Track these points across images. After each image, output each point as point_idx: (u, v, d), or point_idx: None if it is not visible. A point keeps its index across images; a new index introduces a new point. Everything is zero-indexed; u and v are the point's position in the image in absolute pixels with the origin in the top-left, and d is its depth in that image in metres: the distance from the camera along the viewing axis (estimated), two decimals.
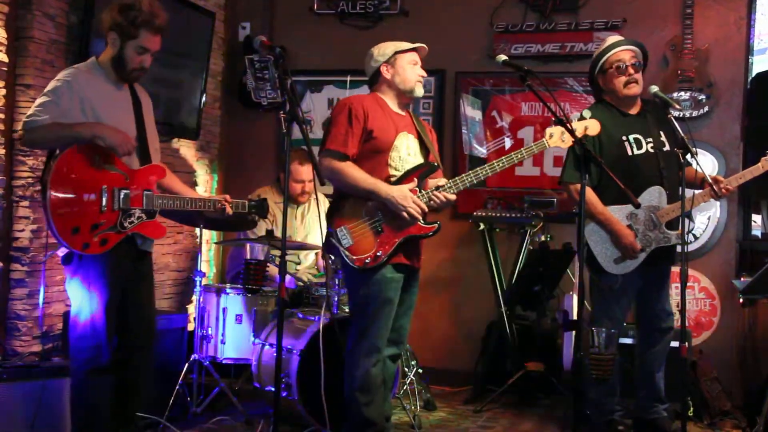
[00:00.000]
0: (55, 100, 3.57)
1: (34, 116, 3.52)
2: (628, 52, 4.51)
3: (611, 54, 4.51)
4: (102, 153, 3.61)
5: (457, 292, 6.16)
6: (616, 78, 4.49)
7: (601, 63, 4.54)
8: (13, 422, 3.80)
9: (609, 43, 4.57)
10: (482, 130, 6.15)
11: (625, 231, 4.39)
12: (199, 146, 6.14)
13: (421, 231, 3.95)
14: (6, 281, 4.51)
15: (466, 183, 3.97)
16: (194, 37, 5.76)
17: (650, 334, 4.62)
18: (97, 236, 3.59)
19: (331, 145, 3.92)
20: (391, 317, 3.97)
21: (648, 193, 4.42)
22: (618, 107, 4.55)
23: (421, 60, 4.12)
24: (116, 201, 3.64)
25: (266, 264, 4.84)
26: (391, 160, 3.99)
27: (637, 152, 4.46)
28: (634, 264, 4.43)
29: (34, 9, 4.53)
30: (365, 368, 3.92)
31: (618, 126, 4.48)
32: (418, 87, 4.07)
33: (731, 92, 5.67)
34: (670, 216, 4.41)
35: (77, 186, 3.56)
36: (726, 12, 5.70)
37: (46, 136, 3.55)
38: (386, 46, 4.08)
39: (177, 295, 5.93)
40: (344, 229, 3.89)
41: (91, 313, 3.67)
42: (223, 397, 4.88)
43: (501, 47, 5.97)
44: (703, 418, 5.01)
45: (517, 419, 5.13)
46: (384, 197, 3.86)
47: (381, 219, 3.91)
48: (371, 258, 3.87)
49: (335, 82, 6.39)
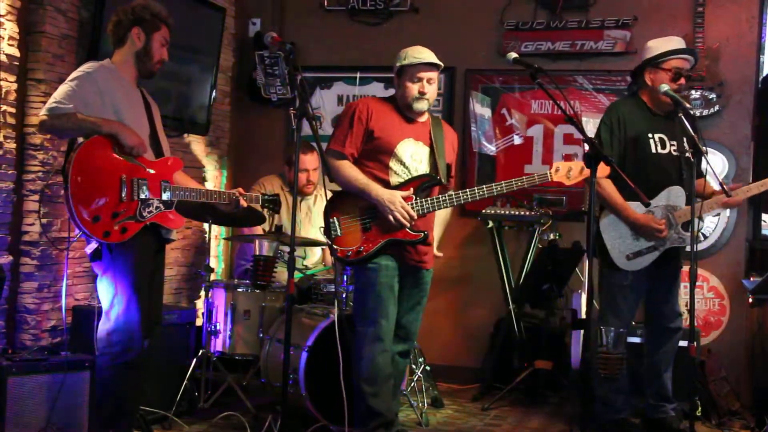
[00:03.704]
0: (78, 90, 3.66)
1: (59, 103, 3.61)
2: (688, 63, 4.48)
3: (676, 58, 4.43)
4: (120, 144, 3.70)
5: (465, 289, 6.16)
6: (668, 82, 4.39)
7: (661, 60, 4.44)
8: (25, 416, 3.82)
9: (678, 46, 4.48)
10: (491, 128, 6.14)
11: (645, 217, 4.39)
12: (208, 141, 6.15)
13: (407, 237, 4.06)
14: (15, 275, 4.53)
15: (461, 200, 4.08)
16: (205, 32, 5.76)
17: (659, 334, 4.61)
18: (118, 225, 3.65)
19: (332, 145, 4.12)
20: (391, 305, 4.05)
21: (669, 191, 4.42)
22: (649, 105, 4.53)
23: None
24: (135, 191, 3.70)
25: (275, 260, 4.84)
26: (392, 163, 4.10)
27: (661, 151, 4.45)
28: (645, 262, 4.43)
29: (45, 4, 4.54)
30: (370, 357, 4.00)
31: (645, 122, 4.47)
32: (416, 103, 4.11)
33: (742, 91, 5.65)
34: (686, 217, 4.39)
35: (97, 176, 3.63)
36: (737, 10, 5.68)
37: (67, 124, 3.63)
38: (402, 54, 4.13)
39: (185, 290, 5.94)
40: (336, 221, 4.07)
41: (123, 307, 3.73)
42: (230, 393, 4.89)
43: (511, 45, 5.96)
44: (711, 418, 5.00)
45: (524, 417, 5.13)
46: (374, 197, 4.01)
47: (371, 218, 4.05)
48: (353, 252, 4.04)
49: (345, 78, 6.39)
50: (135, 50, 3.86)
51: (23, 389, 3.81)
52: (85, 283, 4.90)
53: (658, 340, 4.61)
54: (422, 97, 4.09)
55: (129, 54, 3.87)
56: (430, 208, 4.08)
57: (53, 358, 4.00)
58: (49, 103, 3.63)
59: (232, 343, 4.91)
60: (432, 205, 4.07)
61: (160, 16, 3.89)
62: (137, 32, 3.84)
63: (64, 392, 3.89)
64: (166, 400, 4.54)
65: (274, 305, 4.95)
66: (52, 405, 3.86)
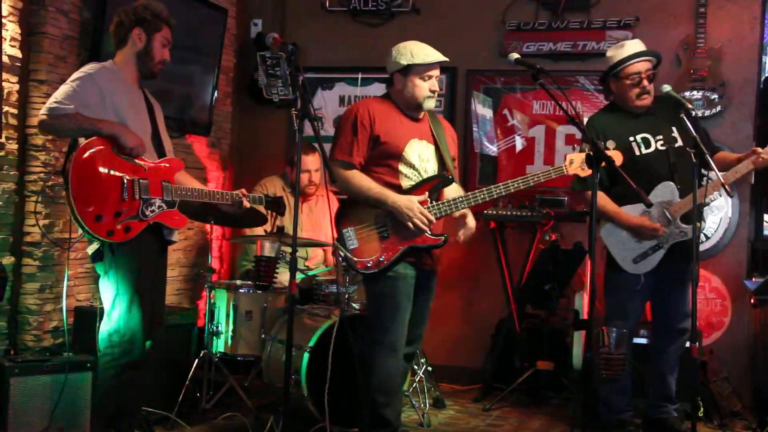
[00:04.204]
0: (79, 91, 3.66)
1: (60, 103, 3.61)
2: (646, 63, 4.48)
3: (628, 66, 4.46)
4: (120, 145, 3.70)
5: (467, 290, 6.16)
6: (630, 89, 4.47)
7: (616, 70, 4.50)
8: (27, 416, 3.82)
9: (628, 54, 4.49)
10: (493, 129, 6.14)
11: (638, 219, 4.39)
12: (210, 142, 6.15)
13: (427, 242, 3.95)
14: (17, 276, 4.53)
15: (479, 199, 3.97)
16: (206, 33, 5.77)
17: (665, 335, 4.59)
18: (121, 224, 3.65)
19: (338, 155, 3.97)
20: (408, 314, 3.97)
21: (658, 189, 4.41)
22: (626, 109, 4.54)
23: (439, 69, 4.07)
24: (137, 190, 3.70)
25: (277, 261, 4.84)
26: (402, 167, 3.99)
27: (646, 151, 4.46)
28: (653, 261, 4.42)
29: (47, 5, 4.54)
30: (386, 369, 3.92)
31: (625, 127, 4.47)
32: (427, 102, 4.02)
33: (744, 92, 5.65)
34: (683, 210, 4.39)
35: (99, 175, 3.63)
36: (739, 11, 5.68)
37: (68, 125, 3.62)
38: (403, 52, 4.00)
39: (187, 290, 5.94)
40: (351, 231, 3.93)
41: (125, 308, 3.73)
42: (232, 393, 4.89)
43: (513, 45, 5.96)
44: (713, 418, 4.99)
45: (526, 418, 5.13)
46: (391, 205, 3.88)
47: (388, 226, 3.93)
48: (374, 262, 3.90)
49: (346, 79, 6.39)
50: (136, 51, 3.86)
51: (25, 390, 3.82)
52: (86, 284, 4.91)
53: (664, 341, 4.59)
54: (433, 95, 4.01)
55: (130, 55, 3.87)
56: (447, 211, 3.97)
57: (55, 358, 4.01)
58: (49, 102, 3.63)
59: (233, 344, 4.90)
60: (449, 207, 3.97)
61: (161, 17, 3.88)
62: (138, 33, 3.84)
63: (66, 393, 3.91)
64: (167, 400, 4.54)
65: (275, 306, 4.95)
66: (53, 406, 3.87)
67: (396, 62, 4.01)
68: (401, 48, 4.02)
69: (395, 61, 4.02)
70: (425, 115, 4.15)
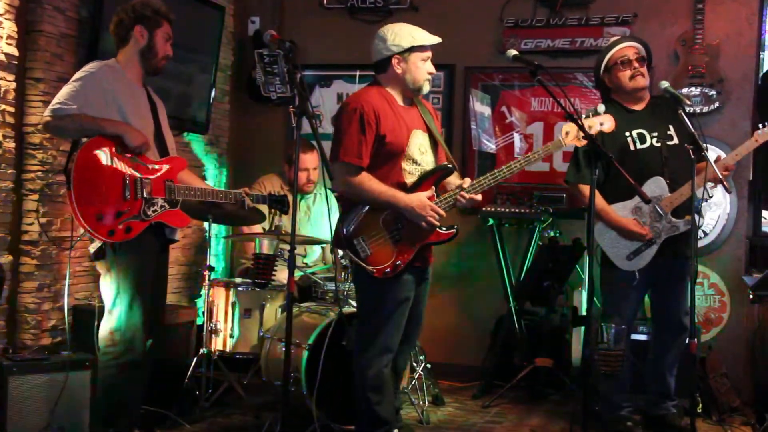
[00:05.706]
0: (82, 91, 3.66)
1: (63, 104, 3.61)
2: (631, 48, 4.53)
3: (614, 51, 4.52)
4: (124, 144, 3.71)
5: (465, 287, 6.15)
6: (621, 72, 4.50)
7: (605, 62, 4.55)
8: (26, 415, 3.82)
9: (611, 42, 4.61)
10: (491, 126, 6.14)
11: (624, 220, 4.40)
12: (208, 140, 6.15)
13: (440, 238, 3.89)
14: (15, 275, 4.52)
15: (484, 185, 3.89)
16: (204, 31, 5.76)
17: (666, 331, 4.59)
18: (122, 224, 3.65)
19: (345, 158, 3.77)
20: (405, 316, 3.94)
21: (648, 184, 4.40)
22: (624, 104, 4.54)
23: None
24: (139, 190, 3.70)
25: (275, 258, 4.84)
26: (405, 164, 3.89)
27: (640, 147, 4.46)
28: (646, 258, 4.42)
29: (44, 3, 4.53)
30: (378, 369, 3.89)
31: (621, 122, 4.46)
32: (426, 85, 3.93)
33: (742, 88, 5.65)
34: (674, 204, 4.40)
35: (101, 175, 3.64)
36: (737, 8, 5.68)
37: (71, 125, 3.64)
38: (401, 34, 3.85)
39: (186, 289, 5.93)
40: (361, 240, 3.80)
41: (126, 307, 3.73)
42: (231, 392, 4.90)
43: (510, 42, 5.95)
44: (712, 414, 4.99)
45: (525, 415, 5.12)
46: (403, 207, 3.78)
47: (399, 229, 3.83)
48: (391, 268, 3.80)
49: (344, 76, 6.39)
50: (139, 48, 3.88)
51: (24, 389, 3.81)
52: (85, 283, 4.90)
53: (665, 337, 4.59)
54: (430, 78, 3.93)
55: (133, 53, 3.88)
56: (453, 203, 3.87)
57: (54, 357, 4.00)
58: (52, 104, 3.64)
59: (232, 342, 4.90)
60: (454, 199, 3.87)
61: (161, 13, 3.90)
62: (140, 30, 3.85)
63: (65, 392, 3.90)
64: (166, 399, 4.54)
65: (274, 304, 4.95)
66: (53, 405, 3.86)
67: (396, 45, 3.84)
68: (396, 30, 3.87)
69: (394, 44, 3.84)
70: (414, 101, 4.03)
